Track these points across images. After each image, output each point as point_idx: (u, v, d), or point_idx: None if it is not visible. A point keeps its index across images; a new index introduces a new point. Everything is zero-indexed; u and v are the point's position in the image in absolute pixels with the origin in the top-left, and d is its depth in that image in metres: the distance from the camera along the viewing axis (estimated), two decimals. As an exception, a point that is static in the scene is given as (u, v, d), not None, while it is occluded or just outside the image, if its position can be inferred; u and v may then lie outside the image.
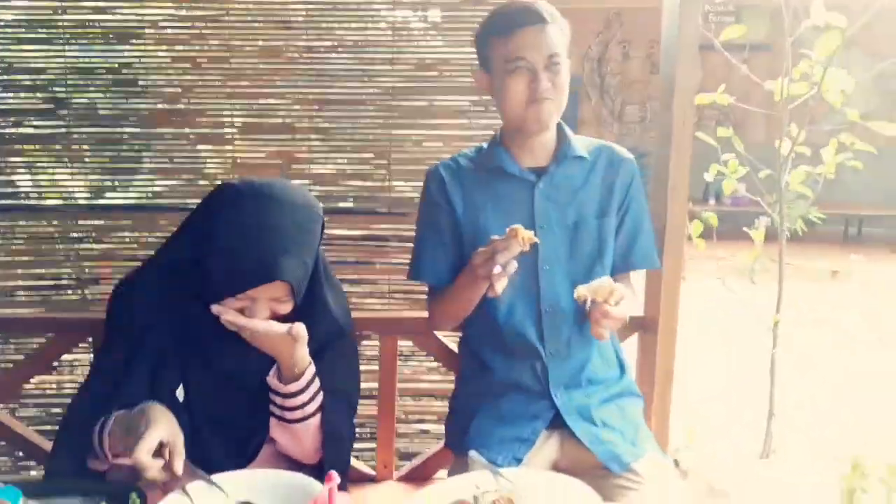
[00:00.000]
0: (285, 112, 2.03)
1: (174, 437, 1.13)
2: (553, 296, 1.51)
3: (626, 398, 1.59)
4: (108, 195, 2.06)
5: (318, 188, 2.06)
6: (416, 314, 1.94)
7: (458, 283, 1.47)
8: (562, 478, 1.27)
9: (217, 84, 2.01)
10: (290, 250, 1.23)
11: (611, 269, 1.55)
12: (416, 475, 1.90)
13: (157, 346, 1.28)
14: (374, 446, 1.94)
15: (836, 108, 2.64)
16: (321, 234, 1.32)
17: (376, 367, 1.87)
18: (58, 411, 2.06)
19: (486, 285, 1.32)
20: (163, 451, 1.11)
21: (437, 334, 1.85)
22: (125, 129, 2.02)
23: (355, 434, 1.49)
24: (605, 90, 9.06)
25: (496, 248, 1.29)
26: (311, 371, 1.31)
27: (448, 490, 1.14)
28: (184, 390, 1.29)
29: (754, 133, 7.12)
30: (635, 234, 1.59)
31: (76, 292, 2.07)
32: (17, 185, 2.04)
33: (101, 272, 2.05)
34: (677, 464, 2.76)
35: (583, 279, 1.42)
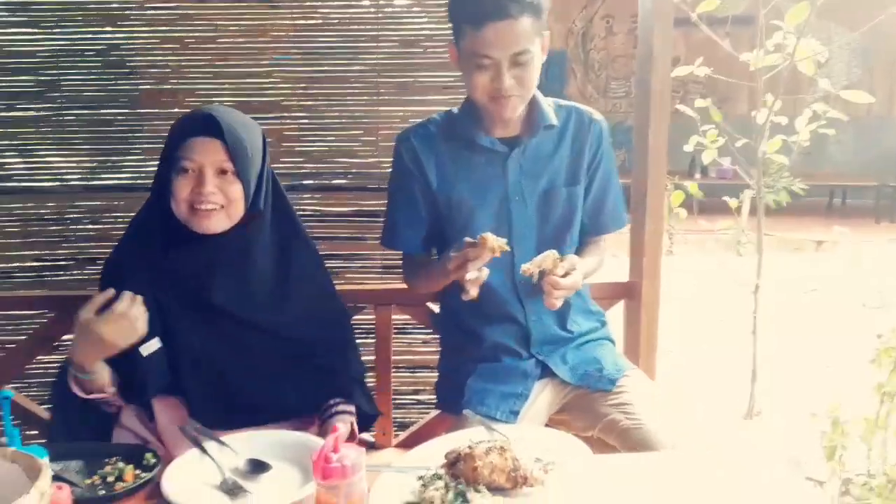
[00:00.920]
0: (273, 91, 2.05)
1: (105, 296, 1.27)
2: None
3: (604, 341, 1.70)
4: (102, 176, 2.08)
5: (308, 166, 2.09)
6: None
7: (433, 273, 1.53)
8: (553, 433, 1.33)
9: (204, 64, 2.03)
10: (234, 125, 1.34)
11: (582, 233, 1.62)
12: (414, 442, 1.94)
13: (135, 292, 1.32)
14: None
15: (811, 76, 2.69)
16: (264, 150, 1.41)
17: (373, 340, 1.92)
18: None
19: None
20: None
21: (431, 306, 1.89)
22: (115, 111, 2.04)
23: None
24: (590, 65, 9.05)
25: (468, 257, 1.34)
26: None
27: (443, 445, 1.19)
28: (163, 340, 1.36)
29: (739, 106, 7.19)
30: (604, 194, 1.63)
31: (73, 273, 2.09)
32: (9, 167, 2.05)
33: (97, 252, 2.07)
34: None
35: (554, 245, 1.49)
